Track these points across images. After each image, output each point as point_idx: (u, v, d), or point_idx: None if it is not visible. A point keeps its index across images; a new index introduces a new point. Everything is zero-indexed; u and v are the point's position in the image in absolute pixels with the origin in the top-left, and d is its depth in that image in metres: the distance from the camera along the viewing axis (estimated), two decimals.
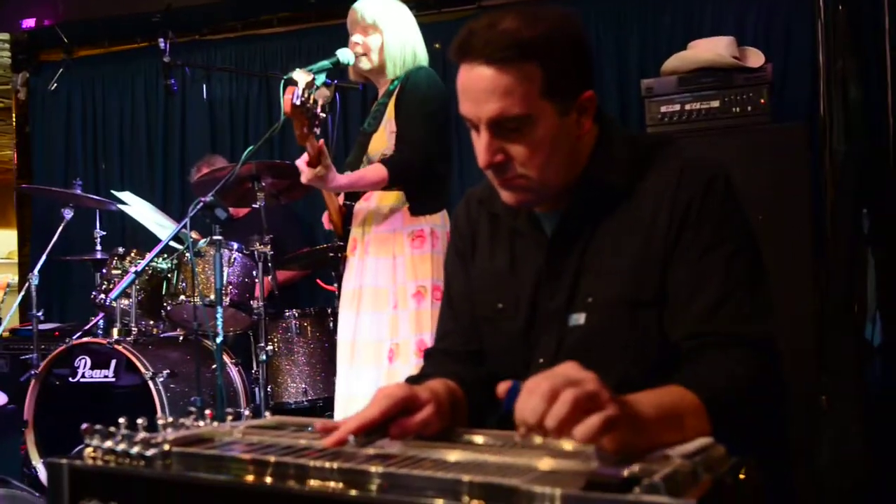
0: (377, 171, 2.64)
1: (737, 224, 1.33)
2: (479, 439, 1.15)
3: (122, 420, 1.14)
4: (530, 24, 1.27)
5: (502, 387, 1.05)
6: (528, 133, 1.30)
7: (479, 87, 1.29)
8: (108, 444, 1.08)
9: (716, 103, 3.28)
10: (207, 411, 1.30)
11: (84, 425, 1.14)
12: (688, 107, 3.31)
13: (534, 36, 1.26)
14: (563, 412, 0.96)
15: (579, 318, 1.36)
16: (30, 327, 4.17)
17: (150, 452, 1.05)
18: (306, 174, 2.53)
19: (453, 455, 1.00)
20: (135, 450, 1.06)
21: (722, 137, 3.22)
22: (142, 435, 1.07)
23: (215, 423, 1.26)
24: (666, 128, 3.33)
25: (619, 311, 1.33)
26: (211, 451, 1.05)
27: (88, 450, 1.10)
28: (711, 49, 3.33)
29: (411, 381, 1.43)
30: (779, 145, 3.16)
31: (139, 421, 1.12)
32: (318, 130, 2.45)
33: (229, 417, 1.29)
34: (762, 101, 3.23)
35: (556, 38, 1.28)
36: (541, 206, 1.43)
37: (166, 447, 1.05)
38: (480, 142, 1.33)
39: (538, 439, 1.02)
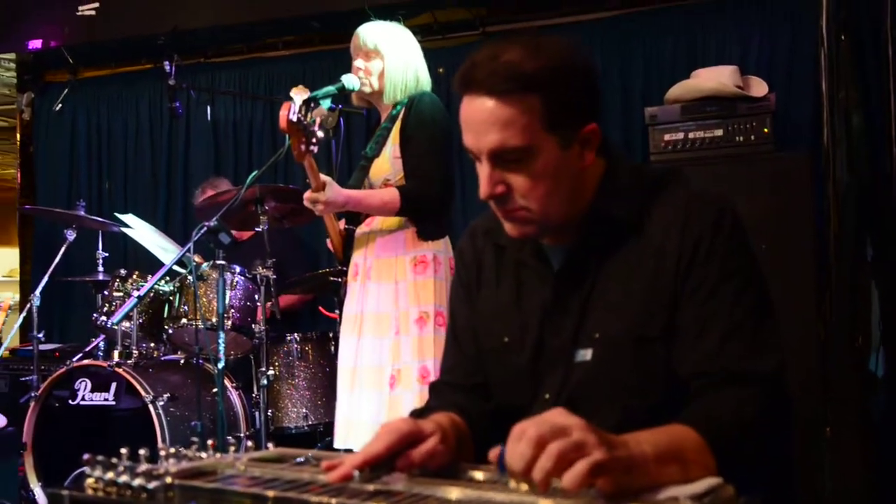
0: (390, 194, 2.65)
1: (744, 260, 1.32)
2: (481, 476, 1.14)
3: (123, 450, 1.13)
4: (533, 55, 1.27)
5: (493, 453, 1.05)
6: (528, 165, 1.30)
7: (479, 118, 1.29)
8: (110, 475, 1.07)
9: (719, 132, 3.28)
10: (210, 441, 1.29)
11: (86, 456, 1.13)
12: (691, 135, 3.32)
13: (535, 68, 1.26)
14: (549, 465, 0.96)
15: (586, 354, 1.35)
16: (30, 348, 4.15)
17: (152, 485, 1.04)
18: (311, 198, 2.54)
19: (456, 493, 0.99)
20: (137, 482, 1.05)
21: (725, 166, 3.22)
22: (144, 466, 1.06)
23: (218, 455, 1.24)
24: (669, 156, 3.34)
25: (626, 346, 1.32)
26: (213, 484, 1.04)
27: (90, 480, 1.09)
28: (715, 78, 3.35)
29: (416, 414, 1.42)
30: (782, 174, 3.16)
31: (141, 451, 1.11)
32: (315, 148, 2.46)
33: (231, 448, 1.28)
34: (765, 130, 3.24)
35: (558, 70, 1.28)
36: (546, 239, 1.42)
37: (168, 480, 1.04)
38: (482, 173, 1.33)
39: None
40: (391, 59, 2.75)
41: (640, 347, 1.32)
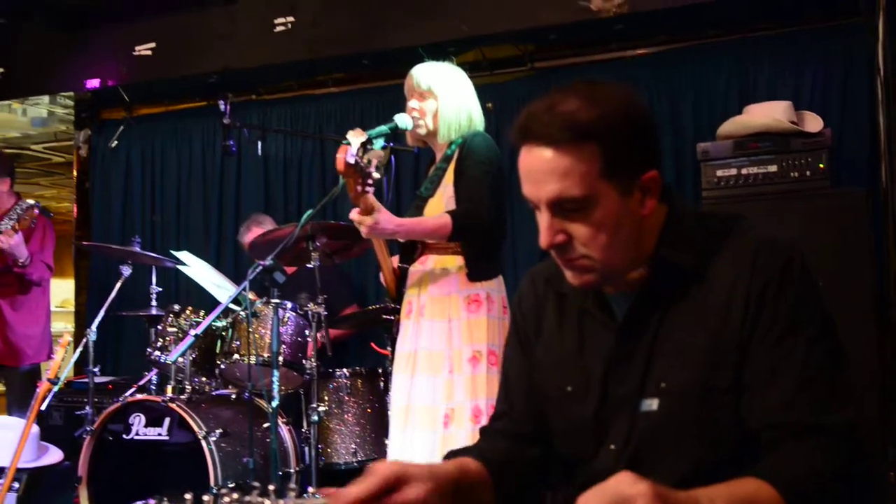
0: (441, 218, 2.64)
1: (814, 308, 1.29)
2: None
3: (188, 496, 1.14)
4: (589, 104, 1.27)
5: None
6: (589, 214, 1.29)
7: (538, 168, 1.29)
8: None
9: (773, 168, 3.25)
10: (271, 486, 1.29)
11: (151, 501, 1.14)
12: (744, 171, 3.29)
13: (592, 117, 1.26)
14: None
15: (652, 404, 1.33)
16: (84, 380, 4.23)
17: None
18: (357, 220, 2.55)
19: None
20: None
21: (780, 202, 3.19)
22: None
23: (281, 502, 1.25)
24: (722, 192, 3.31)
25: (694, 397, 1.30)
26: None
27: None
28: (769, 114, 3.32)
29: (451, 454, 1.46)
30: (838, 210, 3.12)
31: (205, 498, 1.12)
32: (370, 189, 2.47)
33: (292, 493, 1.28)
34: (821, 165, 3.20)
35: (615, 118, 1.28)
36: (608, 287, 1.41)
37: None
38: (542, 222, 1.33)
39: None
40: (445, 99, 2.77)
41: (708, 398, 1.29)
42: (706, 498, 1.04)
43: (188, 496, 1.12)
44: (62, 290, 7.05)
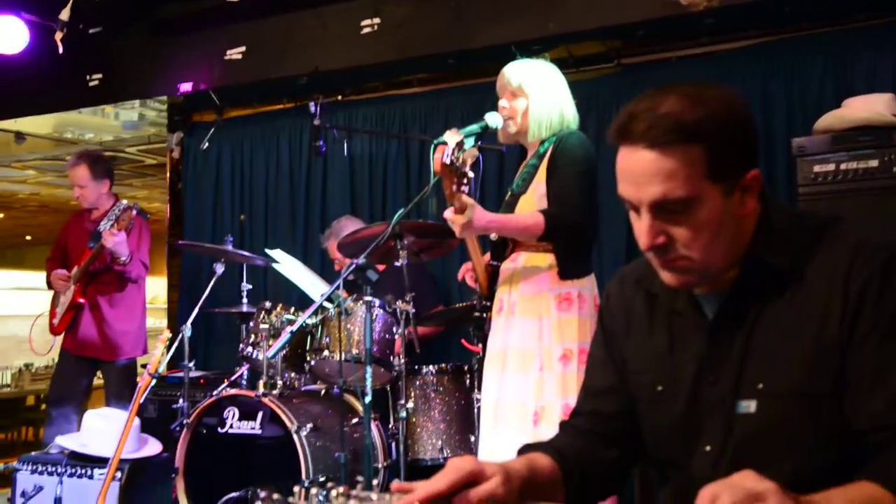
0: (534, 217, 2.64)
1: None
2: None
3: (296, 489, 1.17)
4: (693, 105, 1.26)
5: None
6: (691, 215, 1.28)
7: (640, 170, 1.28)
8: None
9: (874, 162, 3.14)
10: (374, 481, 1.31)
11: (262, 493, 1.17)
12: (843, 166, 3.18)
13: (697, 118, 1.25)
14: None
15: (749, 406, 1.31)
16: (177, 374, 4.37)
17: None
18: (451, 218, 2.56)
19: None
20: None
21: (881, 198, 3.07)
22: None
23: (386, 497, 1.27)
24: (819, 188, 3.21)
25: (795, 402, 1.28)
26: None
27: None
28: (869, 107, 3.21)
29: (526, 448, 1.48)
30: None
31: (313, 490, 1.14)
32: (466, 189, 2.49)
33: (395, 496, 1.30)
34: None
35: (719, 119, 1.27)
36: (701, 287, 1.40)
37: None
38: (642, 224, 1.32)
39: None
40: (536, 97, 2.77)
41: (810, 402, 1.27)
42: (824, 500, 1.02)
43: (296, 489, 1.15)
44: (152, 288, 7.28)
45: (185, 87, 5.09)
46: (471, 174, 2.43)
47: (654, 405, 1.44)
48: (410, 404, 3.52)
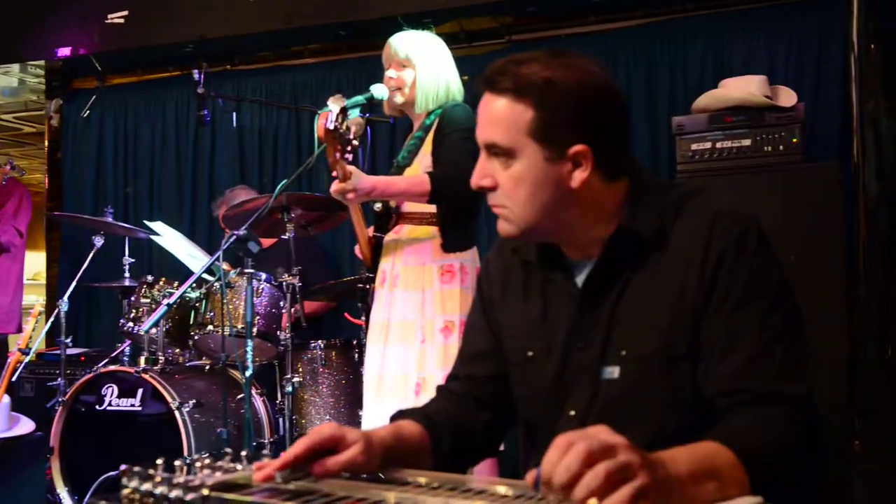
0: (420, 178, 2.64)
1: (771, 278, 1.30)
2: (423, 480, 1.15)
3: (159, 461, 1.13)
4: (543, 67, 1.32)
5: (531, 476, 1.03)
6: (511, 166, 1.35)
7: (482, 112, 1.37)
8: (147, 486, 1.08)
9: (747, 142, 3.26)
10: (243, 452, 1.29)
11: (123, 466, 1.13)
12: (719, 145, 3.30)
13: (535, 78, 1.31)
14: (596, 484, 0.95)
15: (613, 372, 1.35)
16: (56, 352, 4.19)
17: (189, 497, 1.04)
18: (336, 188, 2.54)
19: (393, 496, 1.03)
20: (173, 494, 1.05)
21: (754, 176, 3.20)
22: (180, 478, 1.07)
23: (253, 466, 1.25)
24: (696, 165, 3.32)
25: (654, 365, 1.32)
26: (250, 497, 1.05)
27: (126, 491, 1.09)
28: (743, 88, 3.33)
29: (398, 415, 1.49)
30: (811, 184, 3.14)
31: (177, 462, 1.11)
32: (350, 157, 2.47)
33: (266, 460, 1.28)
34: (794, 140, 3.22)
35: (559, 86, 1.30)
36: (573, 254, 1.43)
37: (205, 492, 1.05)
38: (478, 163, 1.40)
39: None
40: (423, 69, 2.76)
41: (668, 366, 1.31)
42: (671, 460, 1.06)
43: (159, 461, 1.12)
44: (35, 263, 6.98)
45: (64, 51, 4.86)
46: (355, 142, 2.41)
47: (526, 370, 1.47)
48: (297, 379, 3.48)
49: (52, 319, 3.79)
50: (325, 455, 1.19)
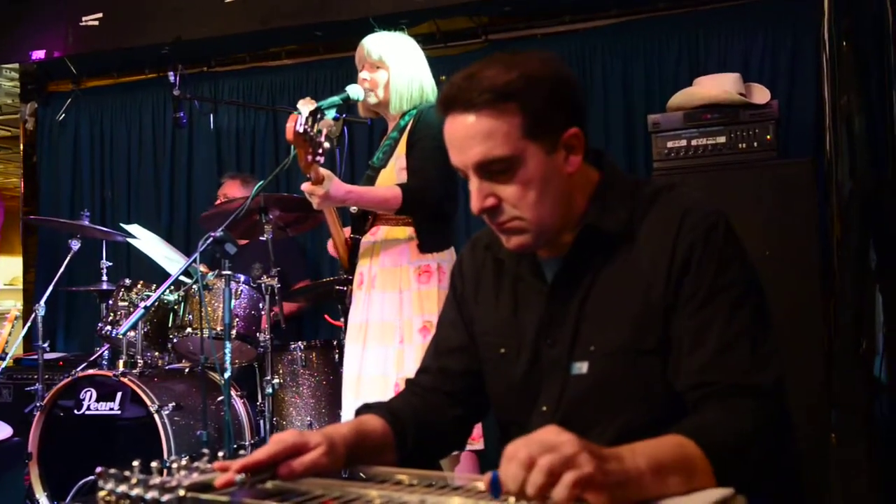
0: (392, 190, 2.64)
1: (738, 271, 1.32)
2: (402, 477, 1.17)
3: (136, 463, 1.13)
4: (506, 69, 1.31)
5: (485, 479, 1.04)
6: (515, 174, 1.32)
7: (462, 134, 1.33)
8: (123, 488, 1.08)
9: (722, 139, 3.29)
10: (220, 453, 1.29)
11: (98, 469, 1.14)
12: (694, 142, 3.33)
13: (509, 79, 1.30)
14: (540, 480, 0.96)
15: (582, 367, 1.36)
16: (34, 357, 4.16)
17: (165, 498, 1.04)
18: (309, 190, 2.53)
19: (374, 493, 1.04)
20: (150, 495, 1.05)
21: (728, 173, 3.23)
22: (156, 479, 1.07)
23: (214, 465, 1.25)
24: (672, 163, 3.34)
25: (622, 359, 1.33)
26: (225, 497, 1.05)
27: (102, 493, 1.10)
28: (718, 85, 3.36)
29: (364, 408, 1.49)
30: (785, 181, 3.17)
31: (153, 464, 1.12)
32: (321, 159, 2.47)
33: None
34: (768, 137, 3.25)
35: (531, 78, 1.31)
36: (543, 252, 1.44)
37: (181, 493, 1.05)
38: (472, 188, 1.36)
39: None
40: (396, 70, 2.76)
41: (636, 360, 1.33)
42: (629, 453, 1.06)
43: (135, 463, 1.12)
44: (11, 268, 6.93)
45: (38, 54, 4.83)
46: (326, 144, 2.40)
47: (499, 367, 1.48)
48: (277, 381, 3.47)
49: (29, 324, 3.75)
50: (288, 459, 1.19)
